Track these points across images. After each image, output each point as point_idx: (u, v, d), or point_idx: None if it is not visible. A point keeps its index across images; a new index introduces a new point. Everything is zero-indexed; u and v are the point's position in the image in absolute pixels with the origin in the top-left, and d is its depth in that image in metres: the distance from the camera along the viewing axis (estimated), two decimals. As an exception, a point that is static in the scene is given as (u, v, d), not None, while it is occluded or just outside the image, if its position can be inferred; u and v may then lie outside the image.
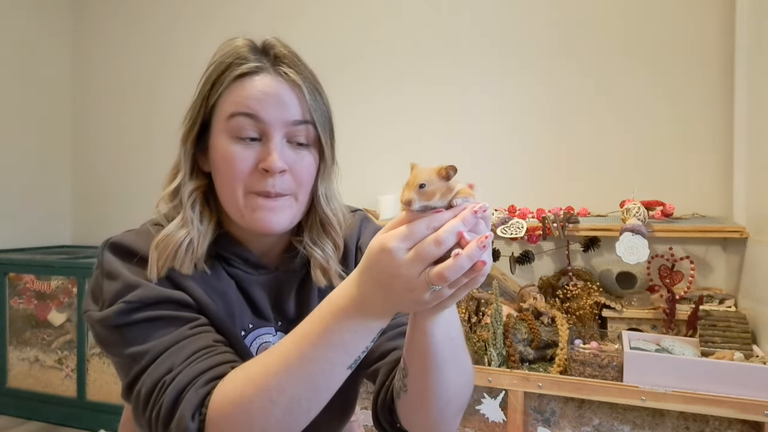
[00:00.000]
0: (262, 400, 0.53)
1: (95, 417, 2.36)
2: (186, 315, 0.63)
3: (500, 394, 1.43)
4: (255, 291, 0.72)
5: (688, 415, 1.29)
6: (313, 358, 0.53)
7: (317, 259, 0.73)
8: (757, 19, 1.65)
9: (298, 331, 0.56)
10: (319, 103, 0.69)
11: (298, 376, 0.53)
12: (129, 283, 0.63)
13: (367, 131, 2.39)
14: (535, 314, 1.69)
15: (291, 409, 0.54)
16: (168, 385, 0.57)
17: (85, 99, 3.10)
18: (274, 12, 2.59)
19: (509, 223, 1.70)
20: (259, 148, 0.66)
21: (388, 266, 0.48)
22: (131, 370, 0.60)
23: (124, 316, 0.61)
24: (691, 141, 1.92)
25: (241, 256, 0.71)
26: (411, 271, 0.47)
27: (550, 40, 2.11)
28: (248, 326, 0.71)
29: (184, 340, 0.60)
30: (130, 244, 0.66)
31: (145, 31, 2.92)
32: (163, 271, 0.64)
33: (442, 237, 0.46)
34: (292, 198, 0.68)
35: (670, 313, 1.58)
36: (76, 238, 3.12)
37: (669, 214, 1.72)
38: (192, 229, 0.66)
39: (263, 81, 0.66)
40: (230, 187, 0.66)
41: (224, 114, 0.66)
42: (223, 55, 0.68)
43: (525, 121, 2.15)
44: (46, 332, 2.51)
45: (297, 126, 0.67)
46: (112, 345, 0.62)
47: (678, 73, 1.94)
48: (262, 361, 0.56)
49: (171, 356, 0.59)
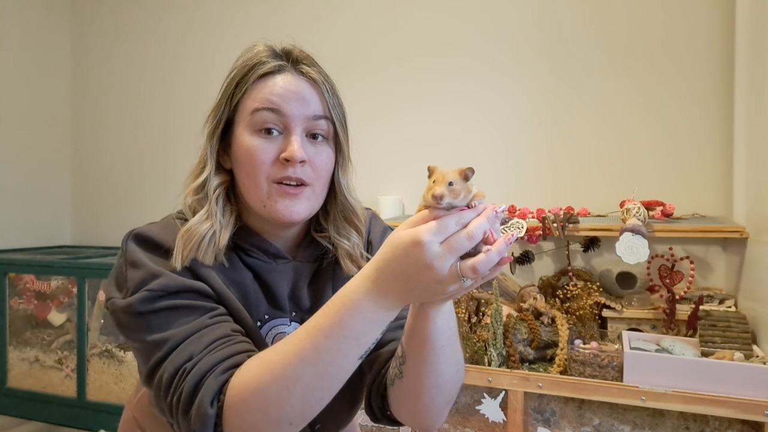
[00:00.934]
0: (278, 387, 0.56)
1: (95, 417, 2.36)
2: (206, 304, 0.66)
3: (500, 394, 1.43)
4: (272, 280, 0.74)
5: (688, 415, 1.29)
6: (327, 349, 0.56)
7: (345, 249, 0.76)
8: (757, 19, 1.65)
9: (312, 322, 0.58)
10: (337, 101, 0.75)
11: (312, 365, 0.56)
12: (152, 272, 0.65)
13: (367, 132, 2.38)
14: (535, 314, 1.69)
15: (305, 397, 0.57)
16: (188, 372, 0.59)
17: (84, 99, 3.10)
18: (274, 12, 2.59)
19: (509, 223, 1.70)
20: (280, 141, 0.70)
21: (419, 258, 0.51)
22: (153, 356, 0.62)
23: (147, 304, 0.63)
24: (691, 141, 1.92)
25: (259, 247, 0.74)
26: (443, 264, 0.50)
27: (551, 39, 2.11)
28: (264, 317, 0.73)
29: (204, 329, 0.63)
30: (153, 236, 0.69)
31: (146, 32, 2.92)
32: (187, 261, 0.67)
33: (474, 232, 0.50)
34: (311, 189, 0.71)
35: (670, 313, 1.58)
36: (76, 238, 3.12)
37: (669, 214, 1.72)
38: (215, 222, 0.69)
39: (285, 79, 0.71)
40: (253, 178, 0.69)
41: (248, 110, 0.70)
42: (246, 59, 0.73)
43: (525, 121, 2.15)
44: (46, 332, 2.51)
45: (316, 121, 0.71)
46: (134, 331, 0.64)
47: (678, 73, 1.94)
48: (279, 351, 0.58)
49: (192, 344, 0.61)
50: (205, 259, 0.68)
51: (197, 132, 0.76)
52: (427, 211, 0.53)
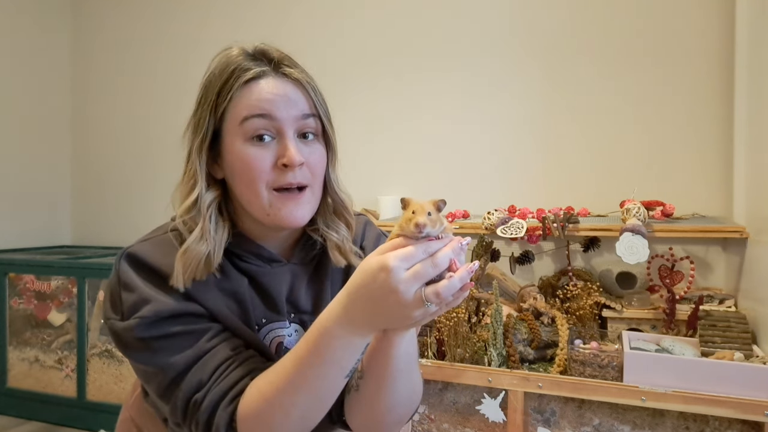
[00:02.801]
0: (276, 414, 0.61)
1: (95, 417, 2.36)
2: (201, 327, 0.68)
3: (500, 394, 1.43)
4: (268, 284, 0.74)
5: (688, 415, 1.29)
6: (314, 376, 0.60)
7: (333, 241, 0.76)
8: (757, 19, 1.65)
9: (297, 351, 0.62)
10: (321, 97, 0.74)
11: (303, 390, 0.61)
12: (143, 297, 0.66)
13: (368, 132, 2.39)
14: (535, 314, 1.69)
15: (303, 416, 0.63)
16: (200, 404, 0.64)
17: (84, 99, 3.10)
18: (275, 13, 2.59)
19: (509, 223, 1.70)
20: (274, 146, 0.69)
21: (385, 282, 0.53)
22: (157, 381, 0.66)
23: (143, 330, 0.65)
24: (691, 141, 1.92)
25: (253, 252, 0.74)
26: (408, 288, 0.53)
27: (551, 41, 2.11)
28: (261, 320, 0.74)
29: (206, 355, 0.66)
30: (146, 258, 0.69)
31: (145, 32, 2.92)
32: (189, 282, 0.67)
33: (439, 260, 0.54)
34: (310, 190, 0.72)
35: (670, 313, 1.58)
36: (76, 238, 3.12)
37: (669, 214, 1.72)
38: (210, 241, 0.69)
39: (270, 83, 0.70)
40: (253, 188, 0.69)
41: (237, 119, 0.68)
42: (223, 65, 0.71)
43: (525, 121, 2.15)
44: (46, 332, 2.51)
45: (305, 120, 0.71)
46: (135, 353, 0.67)
47: (678, 73, 1.94)
48: (271, 380, 0.63)
49: (197, 372, 0.65)
50: (201, 276, 0.68)
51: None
52: (399, 240, 0.56)
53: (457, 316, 1.52)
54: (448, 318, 1.52)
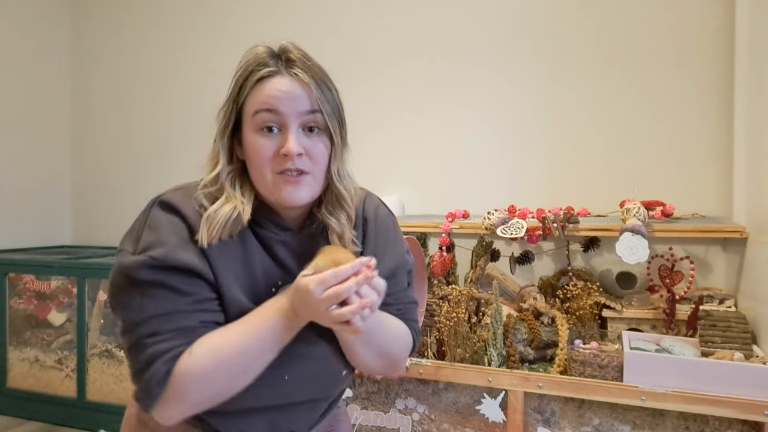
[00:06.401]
0: (219, 370, 0.73)
1: (95, 417, 2.36)
2: (192, 290, 0.76)
3: (500, 394, 1.43)
4: (280, 250, 0.85)
5: (688, 415, 1.29)
6: (253, 347, 0.75)
7: (333, 228, 0.87)
8: (757, 19, 1.65)
9: (243, 325, 0.76)
10: (327, 96, 0.83)
11: (243, 355, 0.75)
12: (161, 239, 0.76)
13: (369, 133, 2.39)
14: (535, 314, 1.69)
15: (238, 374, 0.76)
16: (147, 347, 0.73)
17: (85, 99, 3.10)
18: (276, 14, 2.59)
19: (509, 223, 1.70)
20: (279, 137, 0.80)
21: (307, 300, 0.71)
22: (128, 318, 0.75)
23: (144, 271, 0.74)
24: (691, 141, 1.92)
25: (272, 221, 0.85)
26: (321, 306, 0.70)
27: (550, 40, 2.11)
28: (278, 283, 0.84)
29: (177, 314, 0.75)
30: (178, 206, 0.79)
31: (145, 32, 2.92)
32: (215, 239, 0.78)
33: (342, 291, 0.70)
34: (311, 176, 0.81)
35: (670, 313, 1.58)
36: (76, 238, 3.12)
37: (669, 214, 1.72)
38: (237, 203, 0.80)
39: (279, 82, 0.80)
40: (261, 171, 0.80)
41: (250, 112, 0.80)
42: (247, 62, 0.82)
43: (525, 121, 2.15)
44: (46, 332, 2.51)
45: (309, 115, 0.80)
46: (122, 291, 0.76)
47: (678, 73, 1.94)
48: (218, 343, 0.74)
49: (162, 323, 0.74)
50: (231, 232, 0.79)
51: (196, 133, 0.79)
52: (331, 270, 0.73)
53: (457, 316, 1.52)
54: (448, 318, 1.52)
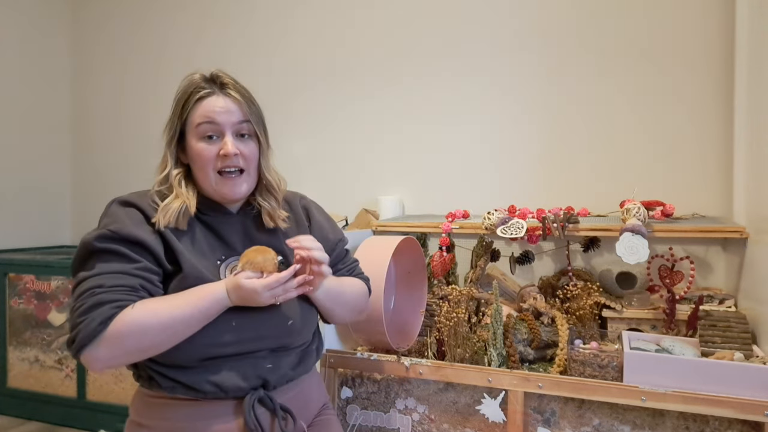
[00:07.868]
0: (154, 327, 0.89)
1: (95, 417, 2.36)
2: (137, 258, 0.94)
3: (500, 394, 1.43)
4: (224, 230, 1.08)
5: (688, 416, 1.28)
6: (187, 315, 0.92)
7: (266, 209, 1.11)
8: (757, 19, 1.65)
9: (181, 298, 0.93)
10: (254, 109, 1.07)
11: (178, 320, 0.91)
12: (116, 219, 0.96)
13: (368, 132, 2.39)
14: (535, 314, 1.69)
15: (170, 335, 0.91)
16: (95, 296, 0.88)
17: (84, 99, 3.10)
18: (276, 19, 2.59)
19: (509, 223, 1.70)
20: (218, 142, 1.03)
21: (252, 297, 0.95)
22: (82, 275, 0.92)
23: (100, 241, 0.93)
24: (691, 141, 1.92)
25: (213, 208, 1.08)
26: (264, 302, 0.97)
27: (550, 40, 2.11)
28: (221, 257, 1.05)
29: (122, 274, 0.91)
30: (131, 200, 1.00)
31: (145, 32, 2.92)
32: (169, 224, 0.99)
33: (281, 293, 0.98)
34: (246, 173, 1.06)
35: (670, 313, 1.58)
36: (76, 238, 3.12)
37: (669, 214, 1.72)
38: (184, 198, 1.02)
39: (217, 100, 1.03)
40: (205, 171, 1.03)
41: (194, 124, 1.03)
42: (186, 86, 1.05)
43: (525, 121, 2.15)
44: (46, 332, 2.51)
45: (240, 124, 1.05)
46: (80, 259, 0.94)
47: (678, 73, 1.94)
48: (156, 308, 0.91)
49: (108, 279, 0.90)
50: (179, 225, 1.00)
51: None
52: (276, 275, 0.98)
53: (457, 316, 1.51)
54: (448, 318, 1.52)
